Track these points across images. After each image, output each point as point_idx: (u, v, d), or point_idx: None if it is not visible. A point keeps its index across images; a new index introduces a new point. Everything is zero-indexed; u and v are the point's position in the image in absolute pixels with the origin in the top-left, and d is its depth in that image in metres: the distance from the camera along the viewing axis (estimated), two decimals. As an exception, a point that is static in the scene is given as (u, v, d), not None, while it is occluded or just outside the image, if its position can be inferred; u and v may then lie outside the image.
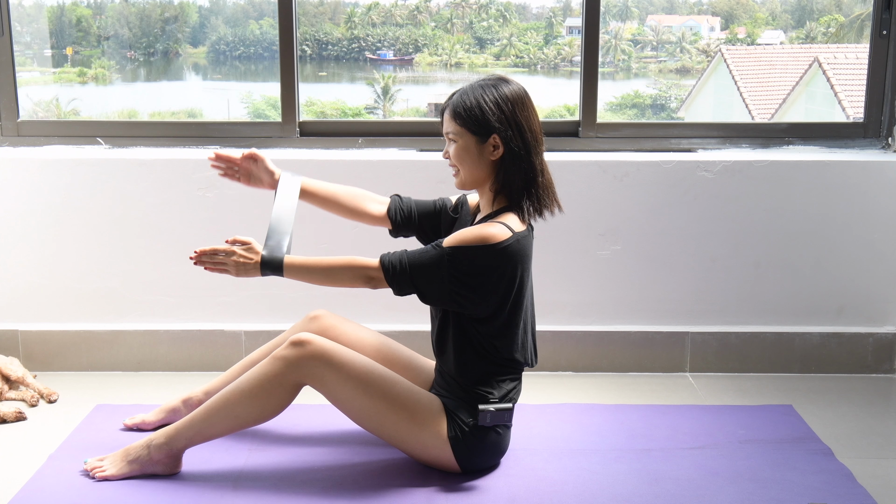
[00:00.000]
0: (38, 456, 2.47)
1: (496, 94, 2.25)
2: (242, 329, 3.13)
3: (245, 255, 2.28)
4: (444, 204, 2.50)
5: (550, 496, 2.27)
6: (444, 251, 2.21)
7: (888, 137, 3.19)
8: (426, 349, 2.74)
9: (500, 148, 2.25)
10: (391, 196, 2.54)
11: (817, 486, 2.32)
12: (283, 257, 2.28)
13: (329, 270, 2.28)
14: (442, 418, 2.30)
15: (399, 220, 2.50)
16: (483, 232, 2.20)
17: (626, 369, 3.16)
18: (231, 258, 2.28)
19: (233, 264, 2.28)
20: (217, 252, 2.29)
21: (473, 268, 2.19)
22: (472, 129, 2.25)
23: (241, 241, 2.31)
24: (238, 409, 2.28)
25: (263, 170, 2.48)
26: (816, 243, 3.12)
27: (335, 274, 2.28)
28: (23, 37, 4.23)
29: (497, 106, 2.24)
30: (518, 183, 2.27)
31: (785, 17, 6.42)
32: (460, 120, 2.26)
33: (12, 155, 3.09)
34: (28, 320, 3.14)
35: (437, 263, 2.21)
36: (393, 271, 2.23)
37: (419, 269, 2.22)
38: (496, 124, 2.23)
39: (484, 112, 2.23)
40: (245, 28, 5.61)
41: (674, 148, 3.21)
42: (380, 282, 2.26)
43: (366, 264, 2.26)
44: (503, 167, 2.26)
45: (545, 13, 6.13)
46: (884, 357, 3.15)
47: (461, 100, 2.27)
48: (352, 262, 2.27)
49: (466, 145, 2.27)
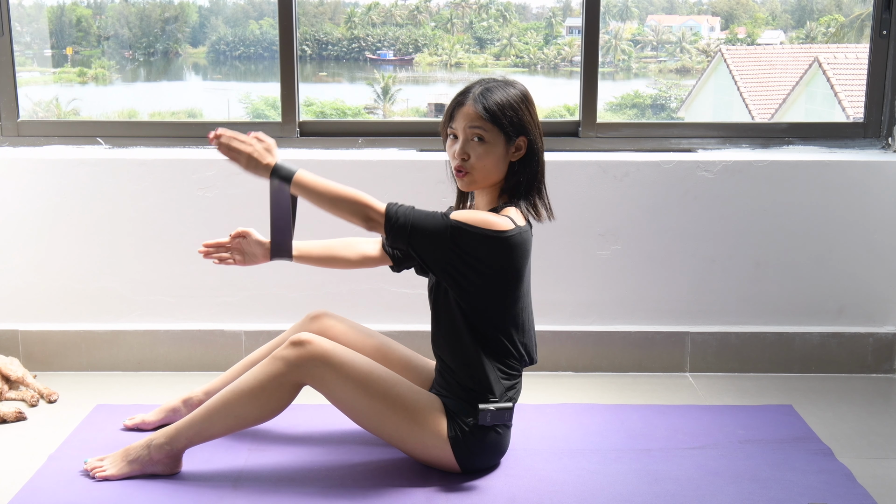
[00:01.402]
0: (38, 456, 2.46)
1: (520, 94, 2.28)
2: (242, 329, 3.13)
3: (261, 152, 2.22)
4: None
5: (550, 496, 2.27)
6: (451, 223, 2.20)
7: (888, 137, 3.19)
8: (426, 349, 2.74)
9: (523, 150, 2.27)
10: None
11: (817, 486, 2.32)
12: (295, 170, 2.24)
13: (335, 198, 2.23)
14: (442, 418, 2.30)
15: (396, 254, 2.52)
16: (490, 218, 2.21)
17: (626, 369, 3.16)
18: (247, 149, 2.22)
19: (246, 155, 2.22)
20: (237, 138, 2.22)
21: (473, 248, 2.20)
22: (504, 129, 2.25)
23: (263, 139, 2.24)
24: (238, 409, 2.28)
25: (254, 243, 2.48)
26: (816, 243, 3.12)
27: (340, 203, 2.22)
28: (23, 37, 4.23)
29: (524, 106, 2.27)
30: (526, 183, 2.30)
31: (785, 17, 6.42)
32: (494, 119, 2.24)
33: (12, 155, 3.09)
34: (28, 320, 3.14)
35: (440, 232, 2.20)
36: (395, 221, 2.21)
37: (420, 231, 2.20)
38: (527, 126, 2.26)
39: (517, 112, 2.25)
40: (245, 28, 5.61)
41: (674, 148, 3.21)
42: (377, 225, 2.22)
43: (371, 205, 2.22)
44: (518, 168, 2.29)
45: (545, 13, 6.13)
46: (884, 357, 3.15)
47: (492, 97, 2.25)
48: (359, 198, 2.22)
49: (495, 144, 2.26)
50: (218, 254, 2.50)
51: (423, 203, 2.81)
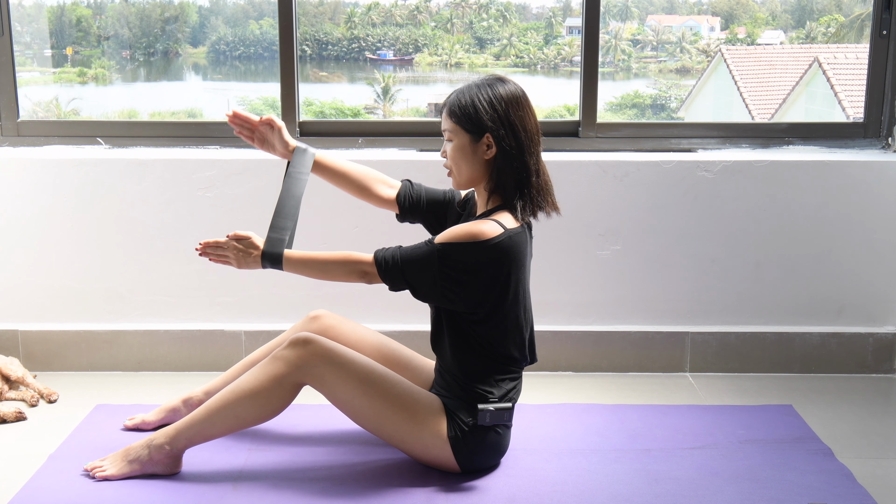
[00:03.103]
0: (38, 456, 2.47)
1: (491, 94, 2.26)
2: (242, 329, 3.13)
3: (245, 248, 2.32)
4: (454, 196, 2.52)
5: (550, 496, 2.27)
6: (435, 247, 2.22)
7: (888, 137, 3.19)
8: (426, 349, 2.74)
9: (493, 147, 2.26)
10: (402, 181, 2.55)
11: (817, 486, 2.32)
12: (282, 252, 2.31)
13: (325, 265, 2.30)
14: (442, 418, 2.30)
15: (407, 206, 2.52)
16: (473, 229, 2.20)
17: (626, 369, 3.16)
18: (231, 251, 2.32)
19: (234, 256, 2.32)
20: (220, 244, 2.33)
21: (463, 264, 2.20)
22: (465, 128, 2.27)
23: (241, 236, 2.33)
24: (238, 409, 2.28)
25: (278, 139, 2.49)
26: (816, 243, 3.12)
27: (331, 268, 2.30)
28: (23, 37, 4.23)
29: (491, 105, 2.25)
30: (511, 183, 2.27)
31: (785, 17, 6.42)
32: (455, 118, 2.28)
33: (12, 155, 3.09)
34: (28, 320, 3.14)
35: (427, 259, 2.22)
36: (386, 266, 2.25)
37: (411, 265, 2.23)
38: (489, 123, 2.25)
39: (478, 110, 2.25)
40: (245, 28, 5.61)
41: (674, 148, 3.21)
42: (374, 276, 2.28)
43: (360, 259, 2.28)
44: (496, 167, 2.27)
45: (545, 13, 6.13)
46: (884, 357, 3.15)
47: (457, 98, 2.29)
48: (347, 257, 2.29)
49: (461, 143, 2.28)
50: (241, 128, 2.49)
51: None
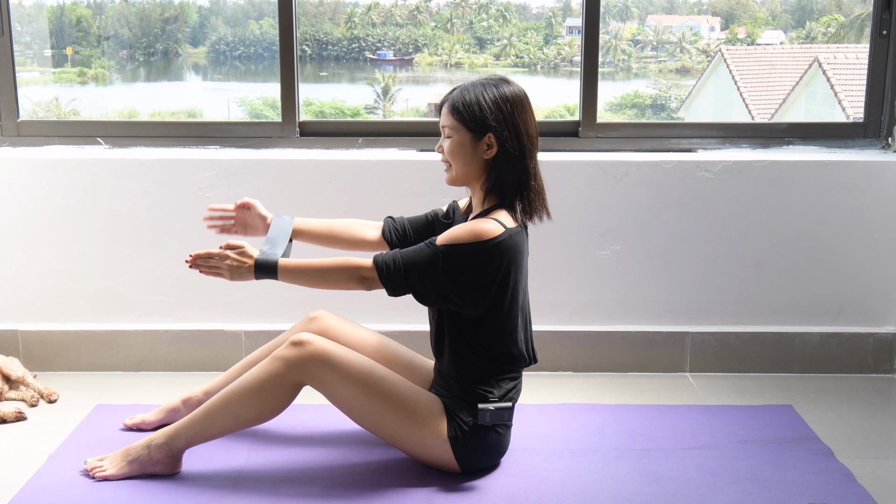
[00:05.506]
0: (38, 456, 2.46)
1: (496, 94, 2.25)
2: (242, 329, 3.13)
3: (238, 258, 2.29)
4: (436, 214, 2.52)
5: (550, 496, 2.27)
6: (438, 249, 2.21)
7: (888, 137, 3.19)
8: (426, 349, 2.74)
9: (495, 147, 2.25)
10: (384, 219, 2.56)
11: (817, 486, 2.32)
12: (276, 260, 2.28)
13: (323, 272, 2.28)
14: (442, 418, 2.30)
15: (395, 240, 2.52)
16: (476, 228, 2.20)
17: (626, 369, 3.16)
18: (224, 262, 2.29)
19: (226, 268, 2.29)
20: (211, 256, 2.30)
21: (467, 265, 2.20)
22: (468, 126, 2.26)
23: (234, 245, 2.30)
24: (238, 409, 2.28)
25: (256, 216, 2.52)
26: (816, 243, 3.12)
27: (329, 275, 2.28)
28: (23, 37, 4.23)
29: (496, 105, 2.24)
30: (509, 184, 2.27)
31: (785, 17, 6.42)
32: (458, 115, 2.27)
33: (12, 155, 3.09)
34: (28, 320, 3.14)
35: (430, 261, 2.21)
36: (387, 271, 2.24)
37: (413, 268, 2.22)
38: (493, 123, 2.24)
39: (483, 109, 2.24)
40: (245, 28, 5.61)
41: (674, 148, 3.21)
42: (374, 282, 2.26)
43: (360, 265, 2.26)
44: (496, 167, 2.27)
45: (545, 13, 6.13)
46: (884, 357, 3.15)
47: (461, 96, 2.27)
48: (346, 263, 2.27)
49: (461, 141, 2.27)
50: (221, 223, 2.52)
51: (422, 203, 2.82)
